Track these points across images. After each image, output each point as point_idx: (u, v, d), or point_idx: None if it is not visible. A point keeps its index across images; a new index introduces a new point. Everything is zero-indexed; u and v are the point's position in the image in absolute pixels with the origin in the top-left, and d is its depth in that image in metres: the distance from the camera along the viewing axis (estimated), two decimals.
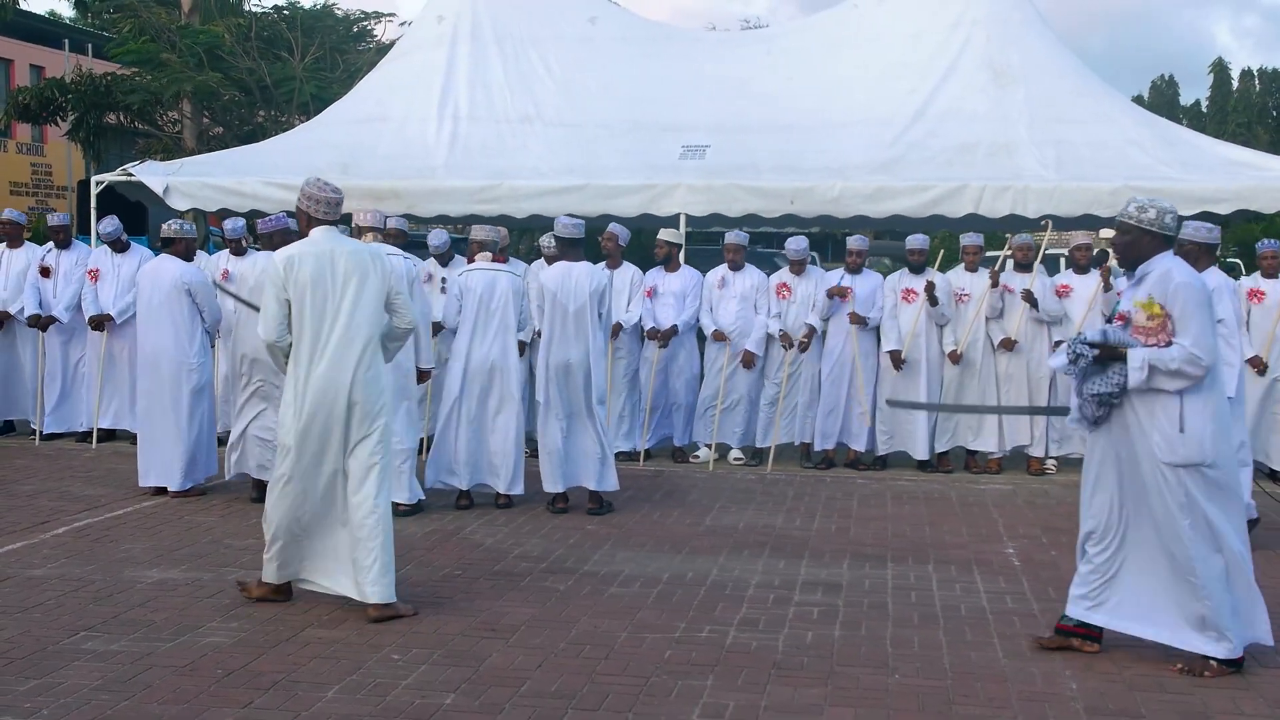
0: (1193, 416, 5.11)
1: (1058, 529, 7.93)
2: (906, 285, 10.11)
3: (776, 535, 7.70)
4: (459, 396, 8.38)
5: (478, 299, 8.40)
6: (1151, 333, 5.15)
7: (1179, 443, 5.11)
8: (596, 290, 8.27)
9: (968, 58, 11.82)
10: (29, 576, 6.50)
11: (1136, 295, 5.27)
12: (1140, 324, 5.19)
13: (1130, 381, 5.12)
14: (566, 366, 8.18)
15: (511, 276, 8.58)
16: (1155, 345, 5.13)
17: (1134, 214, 5.27)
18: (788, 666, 5.23)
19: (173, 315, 8.68)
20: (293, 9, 21.94)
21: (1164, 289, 5.15)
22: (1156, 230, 5.24)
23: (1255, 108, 61.02)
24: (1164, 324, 5.13)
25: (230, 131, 21.12)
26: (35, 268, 10.99)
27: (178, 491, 8.61)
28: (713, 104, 12.02)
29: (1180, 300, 5.13)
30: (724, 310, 10.34)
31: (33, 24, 31.47)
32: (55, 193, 26.89)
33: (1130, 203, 5.34)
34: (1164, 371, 5.09)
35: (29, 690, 4.81)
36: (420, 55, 12.77)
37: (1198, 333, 5.10)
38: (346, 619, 5.80)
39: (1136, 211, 5.26)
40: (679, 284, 10.38)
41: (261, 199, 11.15)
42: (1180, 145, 11.24)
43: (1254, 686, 5.07)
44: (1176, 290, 5.14)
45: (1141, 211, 5.26)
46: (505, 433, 8.40)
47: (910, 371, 10.03)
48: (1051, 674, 5.16)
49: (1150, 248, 5.27)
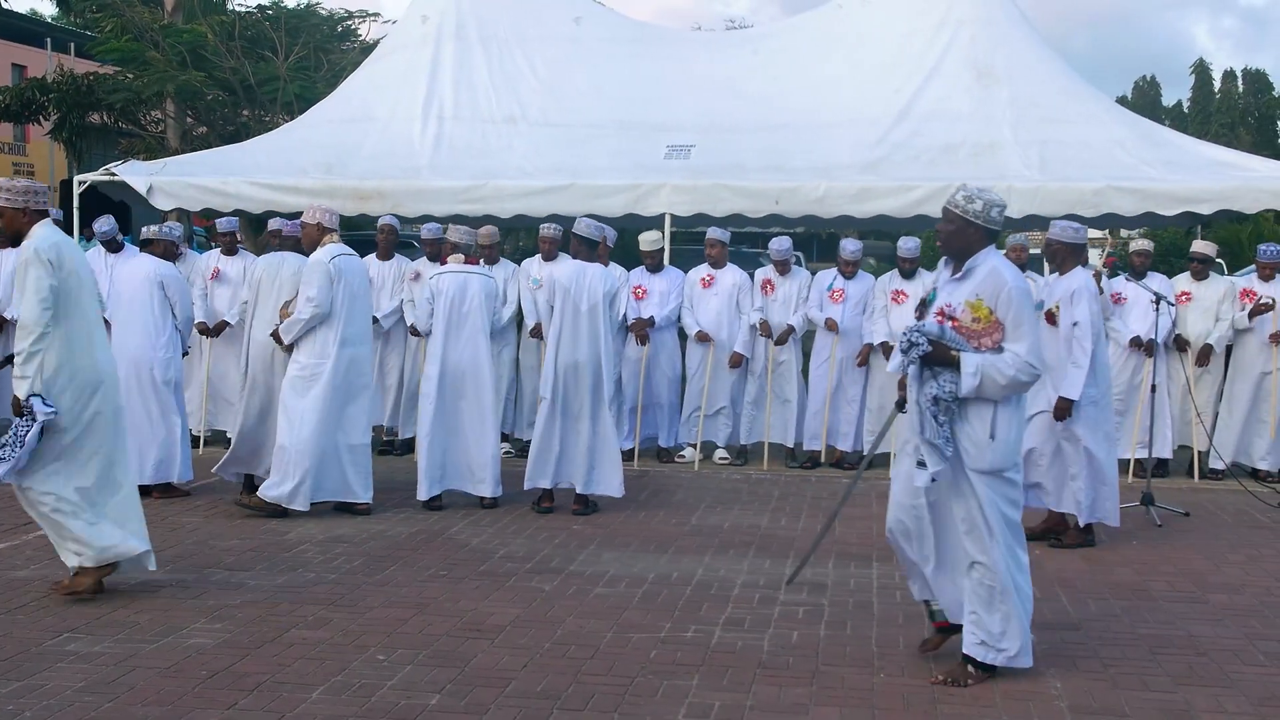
0: (1004, 423, 4.94)
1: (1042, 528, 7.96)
2: (897, 287, 10.15)
3: (762, 535, 7.70)
4: (435, 401, 8.36)
5: (449, 302, 8.37)
6: (976, 335, 4.91)
7: (989, 449, 4.94)
8: (610, 291, 8.29)
9: (952, 58, 11.84)
10: (12, 578, 6.47)
11: (960, 293, 5.00)
12: (965, 324, 4.93)
13: (962, 388, 4.87)
14: (575, 366, 8.18)
15: (484, 279, 8.55)
16: (980, 350, 4.91)
17: (961, 203, 5.02)
18: (773, 666, 5.24)
19: (143, 309, 8.60)
20: (276, 8, 21.84)
21: (994, 291, 4.91)
22: (981, 223, 4.99)
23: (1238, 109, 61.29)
24: (993, 327, 4.90)
25: (214, 131, 21.02)
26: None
27: (146, 485, 8.55)
28: (698, 104, 12.02)
29: (1015, 305, 4.90)
30: (706, 308, 10.35)
31: (15, 23, 31.34)
32: None
33: (959, 191, 5.09)
34: (998, 380, 4.86)
35: (12, 692, 4.79)
36: (405, 55, 12.73)
37: (1032, 340, 4.90)
38: (331, 620, 5.79)
39: (964, 201, 5.02)
40: (664, 284, 10.42)
41: (245, 199, 11.12)
42: (1163, 145, 11.28)
43: (1237, 685, 5.09)
44: (1010, 295, 4.90)
45: (969, 202, 5.00)
46: (482, 436, 8.36)
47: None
48: (1036, 672, 5.17)
49: (976, 240, 5.02)
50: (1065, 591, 6.49)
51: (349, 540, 7.43)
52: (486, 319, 8.48)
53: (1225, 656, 5.45)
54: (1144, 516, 8.29)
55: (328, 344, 7.97)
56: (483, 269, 8.78)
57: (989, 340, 4.88)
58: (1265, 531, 8.11)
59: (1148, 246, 10.15)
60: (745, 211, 10.83)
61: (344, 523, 7.91)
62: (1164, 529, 8.06)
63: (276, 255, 8.55)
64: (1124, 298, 9.94)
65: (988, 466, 4.94)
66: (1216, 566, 7.12)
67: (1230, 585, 6.69)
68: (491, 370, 8.48)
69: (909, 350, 4.90)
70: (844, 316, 10.20)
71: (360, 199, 10.96)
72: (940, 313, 5.01)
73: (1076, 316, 7.28)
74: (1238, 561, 7.26)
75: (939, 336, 4.92)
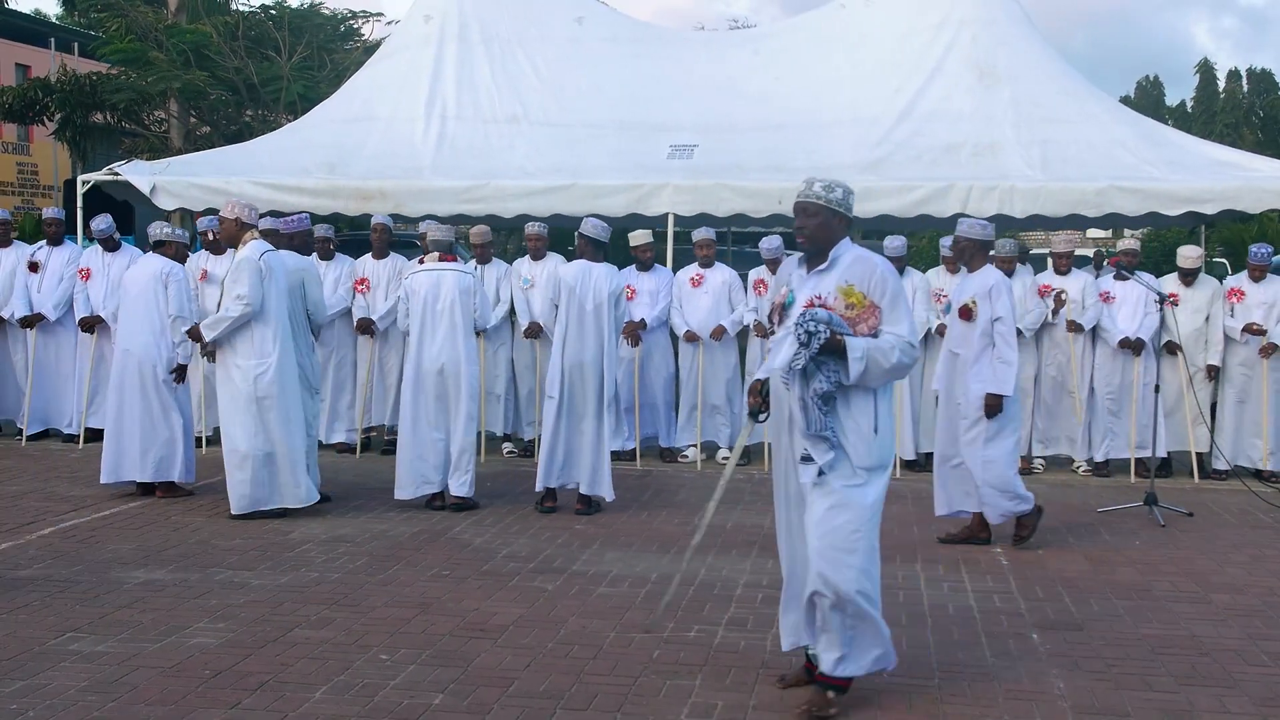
0: (885, 416, 4.78)
1: (1044, 527, 7.96)
2: None
3: (765, 535, 7.70)
4: (413, 400, 8.35)
5: (423, 301, 8.33)
6: (852, 323, 4.71)
7: (874, 445, 4.73)
8: (615, 291, 8.29)
9: (954, 58, 11.83)
10: (15, 577, 6.48)
11: (826, 284, 4.79)
12: (840, 312, 4.71)
13: (850, 374, 4.62)
14: (581, 365, 8.17)
15: (459, 275, 8.40)
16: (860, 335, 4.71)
17: (822, 194, 4.79)
18: (776, 666, 5.23)
19: (148, 307, 8.62)
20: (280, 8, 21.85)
21: (866, 275, 4.75)
22: (844, 211, 4.82)
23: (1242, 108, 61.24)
24: (868, 312, 4.72)
25: (217, 131, 21.05)
26: (24, 264, 10.97)
27: (148, 484, 8.57)
28: (700, 104, 12.02)
29: (890, 288, 4.76)
30: (695, 307, 10.37)
31: (18, 23, 31.36)
32: (41, 192, 26.80)
33: (814, 183, 4.84)
34: (882, 364, 4.66)
35: (15, 692, 4.79)
36: (407, 55, 12.73)
37: (910, 321, 4.79)
38: (334, 619, 5.80)
39: (824, 191, 4.80)
40: (653, 283, 10.43)
41: (248, 199, 11.00)
42: (1166, 145, 11.27)
43: (1240, 685, 5.09)
44: (884, 278, 4.76)
45: (829, 191, 4.79)
46: (461, 435, 8.30)
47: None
48: (1038, 673, 5.18)
49: (839, 230, 4.83)
50: (1068, 591, 6.49)
51: (352, 540, 7.44)
52: (464, 316, 8.33)
53: (1228, 657, 5.45)
54: (1147, 516, 8.29)
55: (266, 342, 7.96)
56: (459, 265, 8.56)
57: (864, 327, 4.71)
58: (1268, 531, 8.10)
59: (1134, 245, 10.15)
60: (748, 211, 10.83)
61: (347, 522, 7.92)
62: (1167, 529, 8.06)
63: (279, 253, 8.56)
64: (1113, 297, 9.96)
65: (874, 462, 4.73)
66: (1220, 566, 7.12)
67: (1233, 585, 6.69)
68: (469, 369, 8.34)
69: (809, 341, 4.57)
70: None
71: (363, 199, 10.96)
72: (809, 305, 4.76)
73: (998, 312, 7.26)
74: (1241, 561, 7.25)
75: (829, 322, 4.64)
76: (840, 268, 4.80)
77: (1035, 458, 10.19)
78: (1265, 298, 9.83)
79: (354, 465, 10.04)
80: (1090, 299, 9.96)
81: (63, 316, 10.92)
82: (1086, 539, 7.76)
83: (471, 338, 8.45)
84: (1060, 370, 10.05)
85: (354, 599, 6.16)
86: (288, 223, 8.68)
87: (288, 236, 8.60)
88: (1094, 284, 10.09)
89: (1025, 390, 9.74)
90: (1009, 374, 7.24)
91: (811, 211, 4.82)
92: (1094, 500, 8.98)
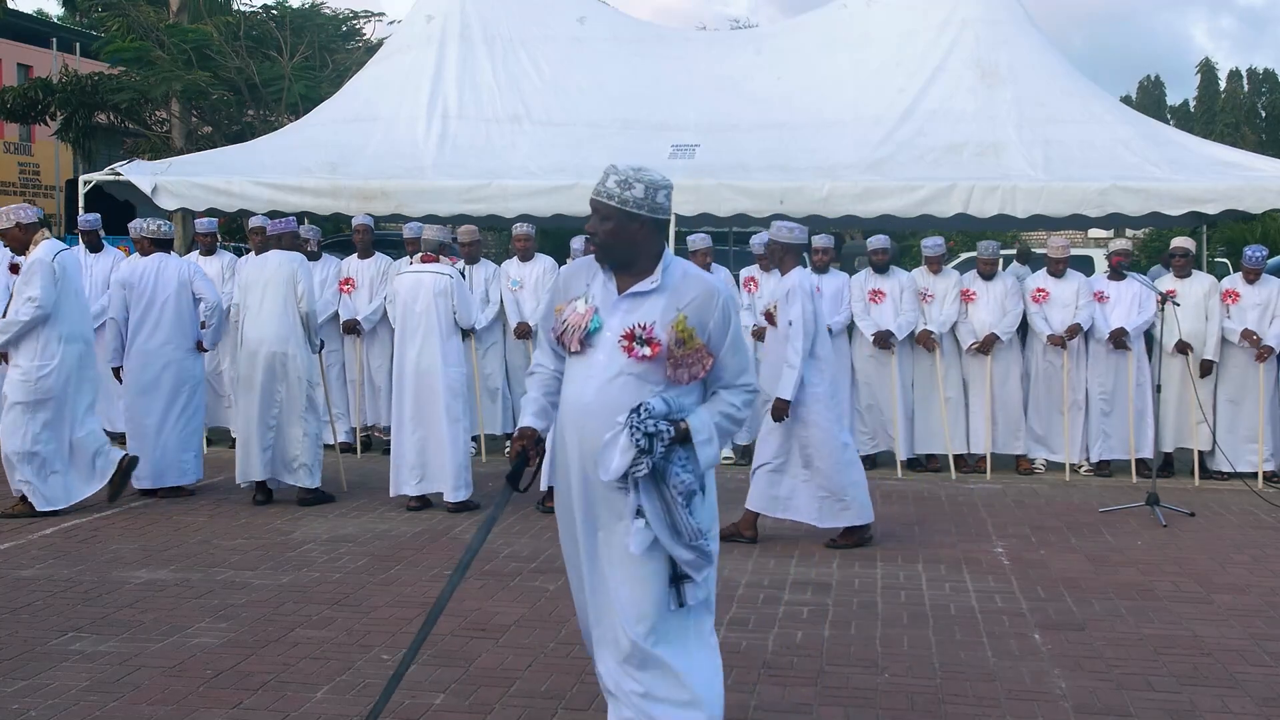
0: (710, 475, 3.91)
1: (1046, 528, 7.97)
2: (873, 286, 10.18)
3: (766, 534, 7.70)
4: (398, 400, 8.34)
5: (403, 303, 8.31)
6: (675, 364, 3.70)
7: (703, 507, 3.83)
8: None
9: (956, 57, 11.83)
10: (17, 577, 6.48)
11: (646, 310, 3.74)
12: (669, 349, 3.69)
13: (702, 461, 3.72)
14: None
15: (437, 277, 8.29)
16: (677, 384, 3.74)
17: (616, 191, 3.71)
18: (777, 666, 5.23)
19: (178, 312, 8.72)
20: (281, 8, 21.89)
21: (705, 307, 3.73)
22: (647, 213, 3.72)
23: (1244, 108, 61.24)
24: (699, 355, 3.71)
25: (219, 131, 21.08)
26: (5, 266, 10.95)
27: (169, 491, 8.59)
28: (702, 103, 12.02)
29: (732, 320, 3.79)
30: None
31: (20, 23, 31.38)
32: (43, 192, 26.84)
33: (609, 176, 3.76)
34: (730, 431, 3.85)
35: (17, 691, 4.79)
36: (409, 55, 12.74)
37: (749, 359, 3.90)
38: (335, 619, 5.80)
39: (619, 188, 3.71)
40: None
41: (250, 199, 11.12)
42: (1168, 145, 11.26)
43: (1242, 685, 5.08)
44: (726, 313, 3.76)
45: (625, 188, 3.71)
46: (442, 438, 8.20)
47: (884, 368, 10.14)
48: (1040, 673, 5.17)
49: (643, 237, 3.76)
50: (1070, 591, 6.48)
51: (353, 540, 7.44)
52: (440, 317, 8.21)
53: (1230, 657, 5.44)
54: (1149, 516, 8.28)
55: (50, 343, 7.91)
56: (439, 266, 8.41)
57: (687, 374, 3.72)
58: (1270, 532, 8.09)
59: (1127, 245, 10.15)
60: (749, 211, 10.83)
61: (348, 522, 7.92)
62: (1169, 529, 8.05)
63: (266, 253, 8.58)
64: (1107, 296, 9.97)
65: (708, 524, 3.84)
66: (1221, 567, 7.11)
67: (1235, 585, 6.68)
68: (447, 370, 8.22)
69: (651, 445, 3.61)
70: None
71: (365, 199, 10.96)
72: (629, 337, 3.72)
73: (790, 315, 7.27)
74: (1243, 562, 7.25)
75: (670, 413, 3.69)
76: (668, 292, 3.76)
77: (1035, 458, 10.20)
78: (1259, 299, 9.85)
79: (355, 465, 10.04)
80: (1084, 299, 9.95)
81: None
82: (1088, 539, 7.75)
83: (452, 339, 8.29)
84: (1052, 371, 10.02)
85: (355, 599, 6.16)
86: (275, 224, 8.65)
87: (275, 237, 8.57)
88: (1087, 285, 10.10)
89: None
90: (791, 377, 7.19)
91: (605, 213, 3.75)
92: (1095, 500, 8.98)
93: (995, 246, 10.44)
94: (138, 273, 8.74)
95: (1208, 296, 9.88)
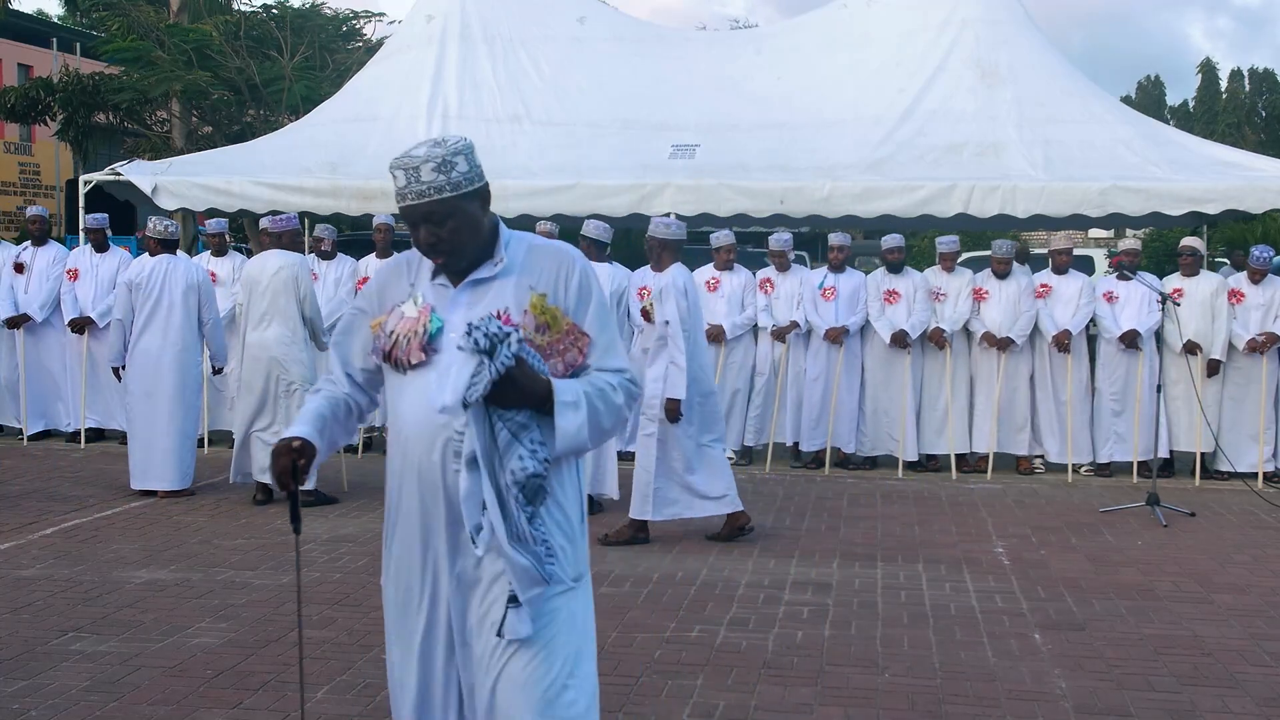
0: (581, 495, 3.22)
1: (1046, 528, 7.97)
2: (888, 287, 10.17)
3: (766, 535, 7.70)
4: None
5: None
6: (546, 352, 2.98)
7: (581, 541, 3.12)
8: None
9: (956, 57, 11.83)
10: (17, 577, 6.48)
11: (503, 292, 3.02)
12: (529, 336, 2.95)
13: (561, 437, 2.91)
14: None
15: None
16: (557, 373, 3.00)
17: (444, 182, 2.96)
18: (778, 666, 5.23)
19: (186, 314, 8.71)
20: (282, 8, 21.88)
21: (560, 276, 3.06)
22: (479, 185, 3.04)
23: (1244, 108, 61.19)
24: (570, 339, 3.02)
25: (219, 131, 21.08)
26: (10, 265, 10.97)
27: (169, 492, 8.59)
28: (702, 103, 12.02)
29: (596, 297, 3.09)
30: (712, 313, 10.32)
31: (20, 23, 31.35)
32: (43, 192, 26.84)
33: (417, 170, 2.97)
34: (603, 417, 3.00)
35: (17, 691, 4.79)
36: (409, 55, 12.75)
37: (618, 340, 3.16)
38: (336, 619, 5.80)
39: (439, 175, 2.96)
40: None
41: (250, 199, 11.13)
42: (1168, 145, 11.27)
43: (1242, 685, 5.08)
44: (587, 282, 3.09)
45: (447, 170, 2.97)
46: None
47: (894, 370, 10.12)
48: (1040, 673, 5.17)
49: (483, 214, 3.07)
50: (1070, 591, 6.48)
51: (354, 539, 7.44)
52: None
53: (1230, 657, 5.44)
54: (1149, 516, 8.28)
55: None
56: None
57: (561, 364, 3.01)
58: (1271, 532, 8.09)
59: (1136, 245, 10.15)
60: (750, 211, 10.84)
61: (349, 522, 7.92)
62: (1169, 529, 8.05)
63: (265, 254, 8.58)
64: (1116, 297, 9.96)
65: (582, 567, 3.09)
66: (1222, 567, 7.11)
67: (1236, 585, 6.68)
68: None
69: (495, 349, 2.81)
70: (837, 313, 10.19)
71: (365, 199, 10.97)
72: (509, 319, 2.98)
73: (665, 315, 7.25)
74: (1243, 562, 7.25)
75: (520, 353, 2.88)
76: (517, 268, 3.08)
77: (1035, 458, 10.19)
78: (1263, 299, 9.85)
79: (355, 465, 10.03)
80: (1085, 298, 9.96)
81: (50, 316, 10.91)
82: (1089, 539, 7.75)
83: None
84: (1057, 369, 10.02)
85: (356, 599, 6.16)
86: (276, 221, 8.63)
87: (276, 235, 8.56)
88: (1089, 284, 10.10)
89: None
90: (679, 378, 7.18)
91: (440, 214, 2.98)
92: (1096, 500, 8.98)
93: (1010, 245, 10.41)
94: (145, 273, 8.74)
95: (1215, 296, 9.87)
